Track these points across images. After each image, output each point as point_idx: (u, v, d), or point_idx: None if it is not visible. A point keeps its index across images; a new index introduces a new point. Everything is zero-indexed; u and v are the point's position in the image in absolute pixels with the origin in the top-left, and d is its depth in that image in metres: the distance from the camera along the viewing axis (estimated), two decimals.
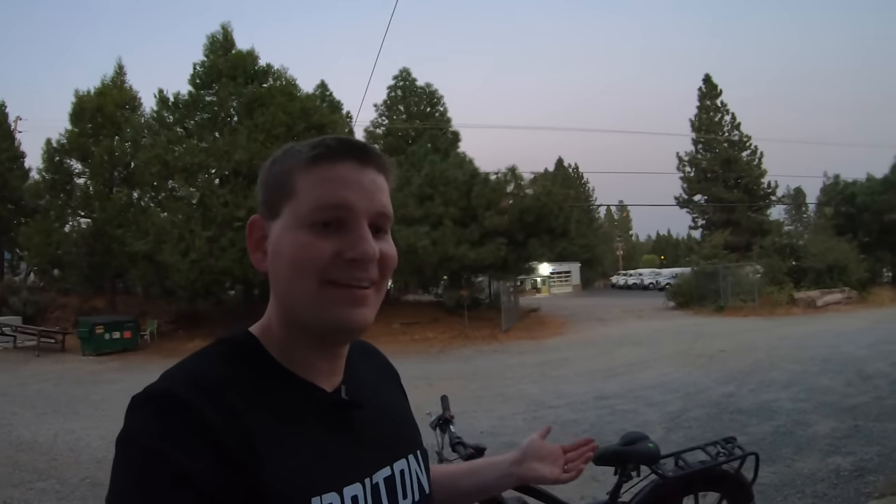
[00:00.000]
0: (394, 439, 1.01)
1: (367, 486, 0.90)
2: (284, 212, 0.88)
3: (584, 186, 72.04)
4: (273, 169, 0.92)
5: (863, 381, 9.49)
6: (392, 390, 1.16)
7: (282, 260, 0.86)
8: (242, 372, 0.86)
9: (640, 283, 55.85)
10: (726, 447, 3.02)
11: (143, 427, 0.76)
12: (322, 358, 0.93)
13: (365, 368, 1.08)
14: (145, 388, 0.81)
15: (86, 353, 18.61)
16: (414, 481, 1.00)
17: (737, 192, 42.57)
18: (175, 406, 0.76)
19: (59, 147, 25.41)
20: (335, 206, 0.85)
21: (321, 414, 0.90)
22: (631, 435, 2.85)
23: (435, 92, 36.12)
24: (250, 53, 23.53)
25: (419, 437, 1.11)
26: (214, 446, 0.75)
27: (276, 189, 0.90)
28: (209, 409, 0.77)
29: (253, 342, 0.92)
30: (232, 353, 0.89)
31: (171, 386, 0.80)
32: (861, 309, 23.78)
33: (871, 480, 5.10)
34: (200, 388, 0.79)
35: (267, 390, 0.86)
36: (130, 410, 0.79)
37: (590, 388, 10.39)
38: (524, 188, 24.26)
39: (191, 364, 0.86)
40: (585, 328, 22.83)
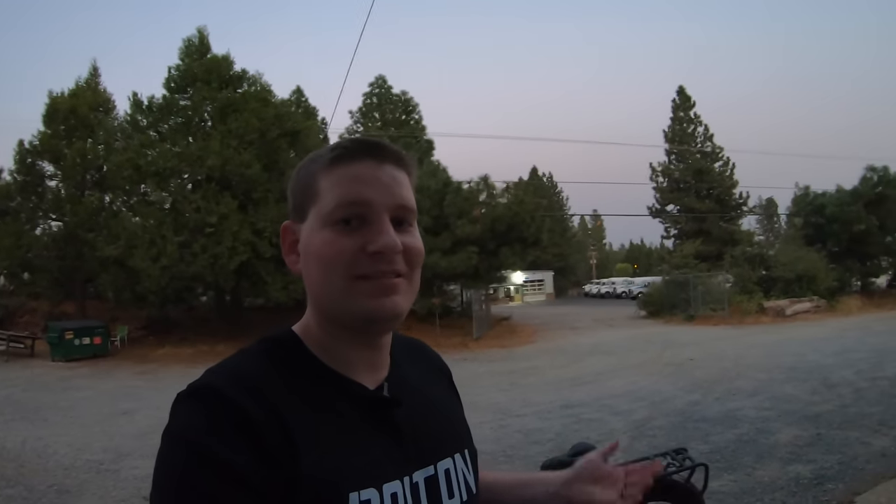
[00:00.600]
0: (440, 438, 1.01)
1: (407, 484, 0.90)
2: (310, 214, 0.91)
3: (558, 195, 72.22)
4: (299, 175, 0.96)
5: (827, 390, 9.66)
6: (442, 389, 1.15)
7: (311, 259, 0.90)
8: (284, 369, 0.89)
9: (612, 292, 55.97)
10: (676, 458, 3.09)
11: (187, 422, 0.79)
12: (362, 353, 0.95)
13: (413, 366, 1.09)
14: (189, 384, 0.84)
15: (55, 359, 18.46)
16: (461, 480, 1.00)
17: (709, 203, 42.95)
18: (218, 401, 0.79)
19: (32, 148, 25.11)
20: (354, 202, 0.88)
21: (362, 410, 0.91)
22: (580, 445, 2.90)
23: (410, 100, 36.24)
24: (225, 58, 23.38)
25: (468, 437, 1.10)
26: (256, 441, 0.77)
27: (302, 194, 0.93)
28: (251, 405, 0.79)
29: (295, 341, 0.94)
30: (274, 351, 0.92)
31: (215, 382, 0.82)
32: (829, 318, 24.17)
33: (830, 488, 5.19)
34: (243, 384, 0.82)
35: (308, 387, 0.88)
36: (175, 406, 0.82)
37: (557, 397, 10.48)
38: (496, 197, 24.36)
39: (233, 362, 0.89)
40: (556, 337, 22.96)
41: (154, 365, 17.72)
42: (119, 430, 9.18)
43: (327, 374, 0.91)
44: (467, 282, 24.38)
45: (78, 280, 25.32)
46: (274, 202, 20.89)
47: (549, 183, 71.63)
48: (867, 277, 32.43)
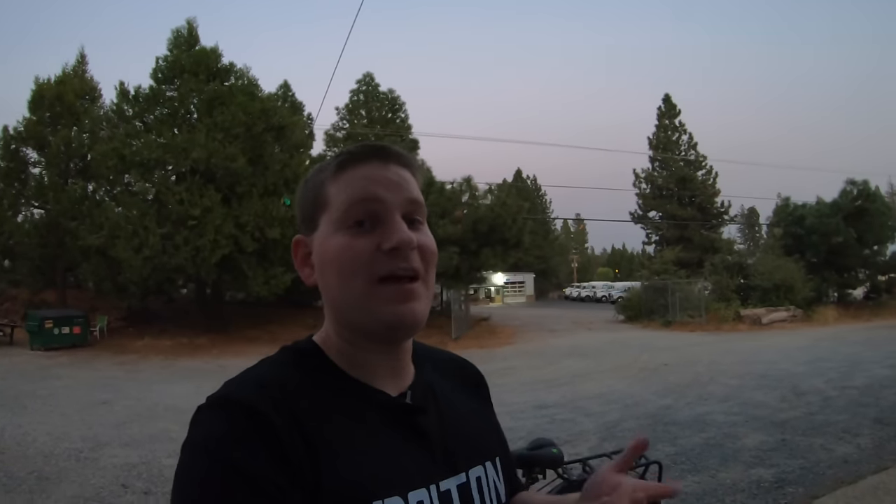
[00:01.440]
0: (470, 446, 0.99)
1: (435, 492, 0.88)
2: (321, 222, 0.91)
3: (541, 198, 72.33)
4: (306, 188, 0.96)
5: (796, 397, 9.84)
6: (474, 398, 1.13)
7: (328, 266, 0.89)
8: (306, 378, 0.88)
9: (593, 296, 56.08)
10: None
11: (208, 431, 0.78)
12: (383, 360, 0.94)
13: (444, 377, 1.07)
14: (208, 396, 0.83)
15: (34, 348, 18.42)
16: (491, 489, 0.98)
17: (691, 210, 43.34)
18: (238, 410, 0.78)
19: (16, 135, 24.93)
20: (365, 199, 0.88)
21: (386, 418, 0.90)
22: (538, 441, 3.06)
23: (397, 98, 36.34)
24: (214, 51, 23.34)
25: (501, 446, 1.09)
26: (277, 450, 0.76)
27: (311, 204, 0.93)
28: (272, 414, 0.78)
29: (315, 350, 0.94)
30: (295, 360, 0.92)
31: (235, 392, 0.82)
32: (805, 327, 24.49)
33: (790, 492, 5.35)
34: (263, 393, 0.81)
35: (330, 396, 0.87)
36: (195, 417, 0.81)
37: (531, 398, 10.63)
38: (479, 198, 24.49)
39: (254, 372, 0.88)
40: (534, 338, 23.16)
41: (133, 356, 17.74)
42: (98, 419, 9.23)
43: (349, 383, 0.91)
44: (447, 282, 24.42)
45: (59, 269, 25.21)
46: (258, 196, 20.95)
47: (532, 186, 71.68)
48: (844, 289, 32.77)
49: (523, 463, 2.92)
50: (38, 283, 25.93)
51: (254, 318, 23.96)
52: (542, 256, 62.28)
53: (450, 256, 21.94)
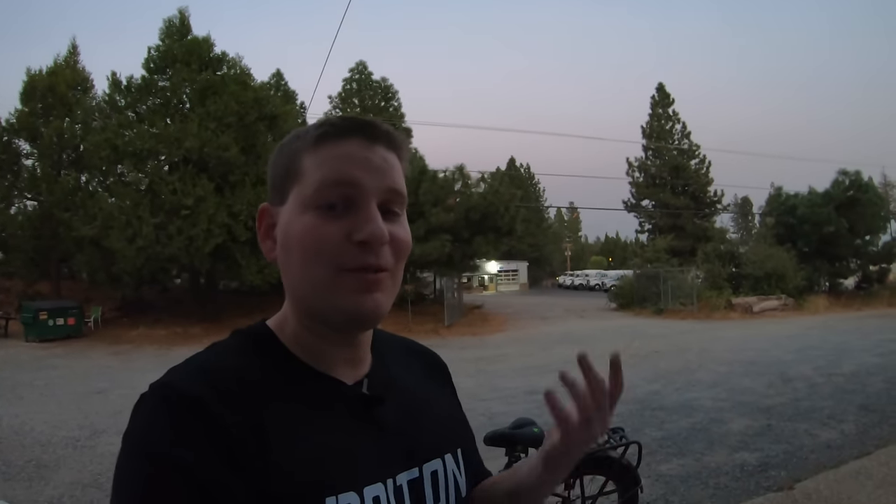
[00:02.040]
0: (429, 438, 0.95)
1: (391, 487, 0.84)
2: (291, 196, 0.84)
3: (535, 187, 72.42)
4: (280, 153, 0.88)
5: (783, 384, 9.95)
6: (438, 388, 1.08)
7: (292, 247, 0.82)
8: (257, 365, 0.82)
9: (586, 284, 56.02)
10: (613, 436, 3.37)
11: (149, 427, 0.72)
12: (340, 349, 0.88)
13: (403, 366, 1.02)
14: (151, 384, 0.77)
15: (29, 339, 18.47)
16: (450, 483, 0.94)
17: (683, 199, 43.50)
18: (181, 402, 0.73)
19: (8, 126, 24.88)
20: (340, 182, 0.81)
21: (340, 409, 0.85)
22: (520, 420, 3.18)
23: (390, 86, 36.32)
24: (206, 40, 23.26)
25: (464, 437, 1.05)
26: (225, 445, 0.71)
27: (284, 173, 0.86)
28: (219, 405, 0.73)
29: (269, 335, 0.88)
30: (246, 346, 0.86)
31: (177, 380, 0.76)
32: (796, 316, 24.60)
33: (773, 475, 5.44)
34: (209, 382, 0.76)
35: (282, 383, 0.82)
36: (137, 407, 0.76)
37: (523, 383, 10.73)
38: (472, 186, 24.53)
39: (202, 358, 0.83)
40: (527, 326, 23.32)
41: (128, 346, 17.80)
42: (94, 408, 9.30)
43: (303, 371, 0.85)
44: (440, 269, 24.48)
45: (53, 260, 25.18)
46: (251, 185, 20.90)
47: (526, 174, 71.77)
48: (835, 278, 32.90)
49: (505, 442, 3.03)
50: (33, 274, 25.84)
51: (248, 307, 23.95)
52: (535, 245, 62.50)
53: (442, 244, 21.99)
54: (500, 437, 3.04)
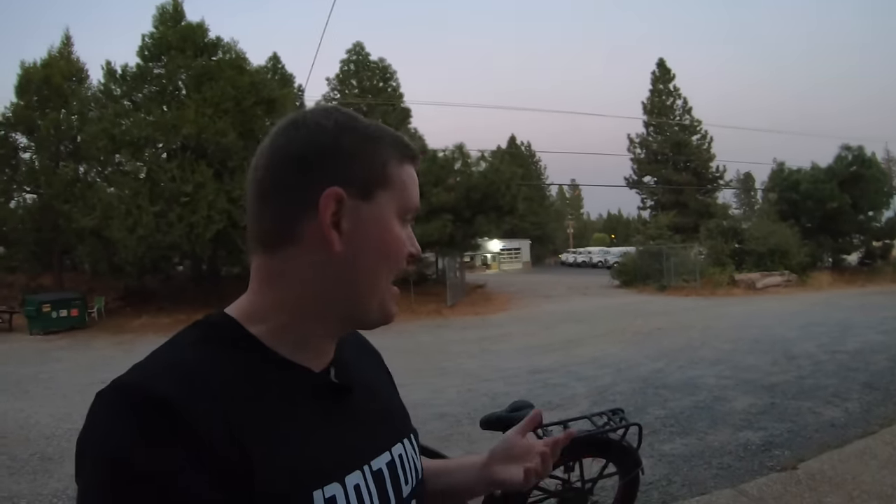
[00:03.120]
0: (389, 422, 0.97)
1: (369, 473, 0.84)
2: (380, 198, 0.83)
3: (536, 165, 72.26)
4: (366, 146, 0.85)
5: (787, 361, 9.87)
6: (383, 375, 1.11)
7: (374, 248, 0.83)
8: (227, 360, 0.78)
9: (589, 261, 56.14)
10: (613, 418, 3.31)
11: (114, 432, 0.67)
12: (325, 345, 0.88)
13: (355, 353, 1.02)
14: (113, 382, 0.71)
15: (33, 332, 18.38)
16: (411, 465, 0.96)
17: (686, 175, 43.42)
18: (149, 404, 0.67)
19: (4, 120, 24.70)
20: (415, 208, 0.89)
21: (313, 398, 0.83)
22: (518, 403, 3.10)
23: (388, 67, 36.07)
24: (200, 26, 23.14)
25: (409, 420, 1.06)
26: (201, 449, 0.67)
27: (371, 170, 0.84)
28: (190, 405, 0.68)
29: (234, 325, 0.83)
30: (212, 337, 0.81)
31: (144, 380, 0.71)
32: (800, 292, 24.52)
33: (777, 454, 5.39)
34: (181, 381, 0.71)
35: (255, 379, 0.78)
36: (96, 410, 0.70)
37: (526, 363, 10.72)
38: (472, 166, 24.46)
39: (165, 353, 0.78)
40: (530, 304, 23.33)
41: (131, 335, 17.76)
42: None
43: (273, 360, 0.81)
44: (442, 249, 24.49)
45: (55, 252, 25.14)
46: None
47: (527, 152, 71.56)
48: (839, 254, 32.90)
49: (503, 425, 2.96)
50: (35, 267, 25.87)
51: None
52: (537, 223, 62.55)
53: (444, 224, 21.99)
54: (496, 420, 2.97)
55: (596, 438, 3.18)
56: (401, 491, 0.90)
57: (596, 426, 3.23)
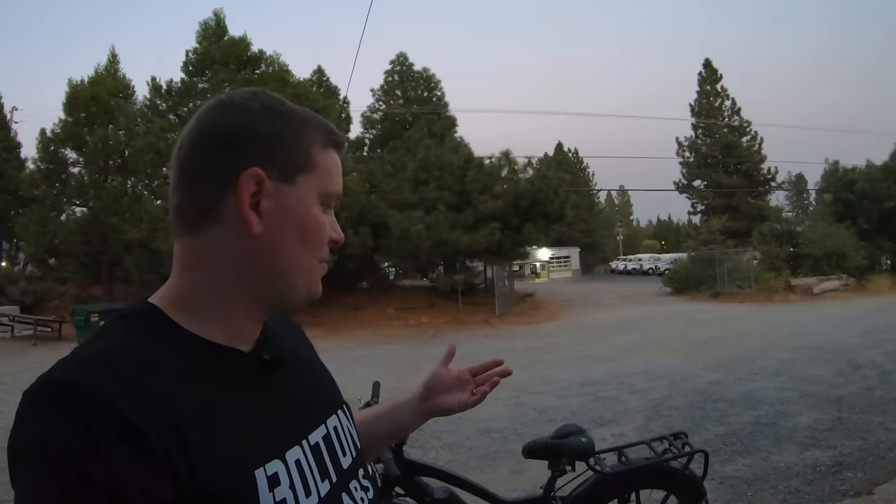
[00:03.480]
0: (321, 396, 0.99)
1: (307, 447, 0.86)
2: (302, 182, 0.85)
3: (583, 171, 71.82)
4: (293, 129, 0.86)
5: (852, 371, 9.37)
6: (309, 349, 1.12)
7: (295, 230, 0.84)
8: (156, 348, 0.76)
9: (639, 269, 55.78)
10: (674, 443, 2.94)
11: (48, 431, 0.65)
12: (252, 326, 0.89)
13: (281, 328, 1.02)
14: (40, 378, 0.69)
15: (81, 342, 18.57)
16: (348, 437, 0.98)
17: (736, 178, 42.40)
18: (84, 401, 0.65)
19: (54, 137, 25.27)
20: (337, 194, 0.90)
21: (245, 379, 0.83)
22: (565, 428, 2.78)
23: (432, 76, 35.96)
24: (243, 39, 23.48)
25: (339, 391, 1.07)
26: (138, 446, 0.65)
27: (294, 154, 0.85)
28: (126, 400, 0.66)
29: (158, 313, 0.82)
30: (137, 327, 0.80)
31: (76, 374, 0.68)
32: (858, 297, 23.71)
33: (849, 477, 4.96)
34: (112, 373, 0.69)
35: (185, 364, 0.77)
36: (26, 409, 0.68)
37: (576, 375, 10.35)
38: (519, 173, 24.15)
39: (96, 346, 0.76)
40: (580, 314, 22.85)
41: None
42: None
43: (201, 345, 0.81)
44: (490, 258, 24.23)
45: (104, 264, 25.55)
46: None
47: (574, 158, 71.18)
48: None
49: (549, 453, 2.64)
50: (85, 278, 26.39)
51: None
52: (586, 230, 62.36)
53: (491, 233, 21.79)
54: (542, 448, 2.64)
55: (657, 468, 2.83)
56: (339, 462, 0.92)
57: (656, 453, 2.86)
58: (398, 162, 25.25)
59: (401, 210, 21.62)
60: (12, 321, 20.64)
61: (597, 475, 2.69)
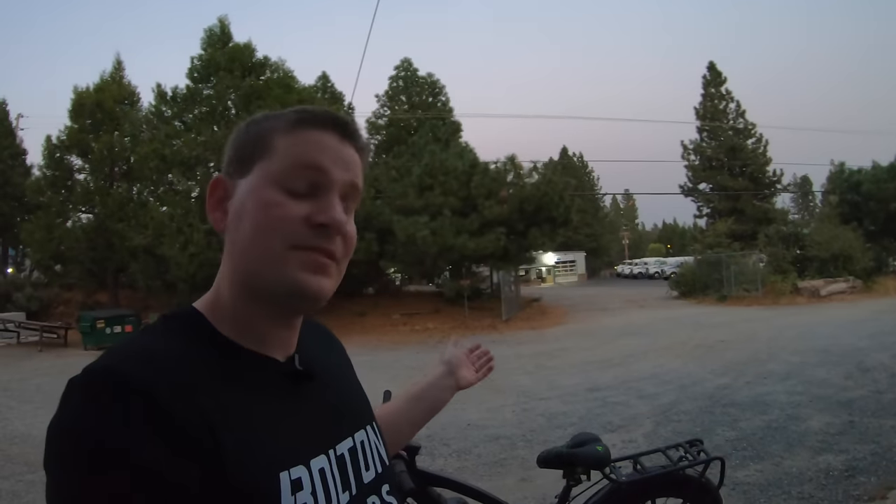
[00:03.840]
0: (351, 410, 0.99)
1: (332, 458, 0.87)
2: (256, 169, 0.84)
3: (588, 175, 71.74)
4: (249, 129, 0.89)
5: (862, 374, 9.27)
6: (341, 364, 1.13)
7: (246, 217, 0.82)
8: (192, 348, 0.80)
9: (645, 273, 55.71)
10: (690, 451, 2.89)
11: (86, 414, 0.67)
12: (277, 331, 0.88)
13: (314, 343, 1.03)
14: (85, 368, 0.72)
15: (87, 348, 18.65)
16: (375, 452, 0.98)
17: (742, 181, 42.30)
18: (123, 387, 0.68)
19: (59, 143, 25.48)
20: (312, 166, 0.83)
21: (277, 386, 0.85)
22: (580, 436, 2.73)
23: (437, 82, 36.06)
24: (247, 46, 23.53)
25: (371, 409, 1.08)
26: (173, 435, 0.68)
27: (251, 146, 0.86)
28: (165, 391, 0.69)
29: (199, 318, 0.85)
30: (179, 329, 0.83)
31: (119, 365, 0.71)
32: (865, 299, 23.52)
33: (862, 482, 4.88)
34: (152, 366, 0.72)
35: (220, 367, 0.80)
36: (69, 394, 0.70)
37: (583, 380, 10.28)
38: (524, 177, 24.10)
39: (139, 342, 0.79)
40: (586, 318, 22.74)
41: None
42: None
43: (237, 351, 0.83)
44: (496, 263, 24.21)
45: (110, 270, 25.67)
46: None
47: (579, 163, 71.11)
48: None
49: (563, 463, 2.59)
50: (91, 285, 26.59)
51: None
52: (592, 234, 62.31)
53: (497, 237, 21.76)
54: (557, 457, 2.59)
55: (673, 476, 2.77)
56: (361, 477, 0.92)
57: (671, 461, 2.81)
58: (403, 167, 25.26)
59: (406, 215, 21.60)
60: (18, 327, 20.67)
61: (612, 484, 2.64)
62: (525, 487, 5.06)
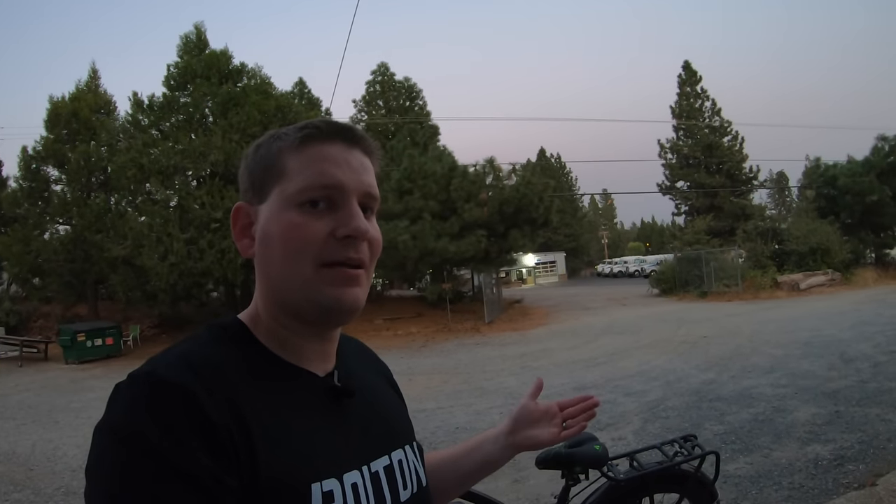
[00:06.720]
0: (389, 429, 1.00)
1: (367, 474, 0.88)
2: (273, 194, 0.87)
3: (567, 176, 72.00)
4: (259, 153, 0.91)
5: (845, 365, 9.42)
6: (385, 385, 1.14)
7: (273, 243, 0.85)
8: (234, 357, 0.83)
9: (625, 271, 56.06)
10: (685, 446, 2.93)
11: (128, 414, 0.71)
12: (314, 344, 0.91)
13: (357, 362, 1.06)
14: (130, 373, 0.76)
15: (68, 362, 18.49)
16: (412, 472, 0.99)
17: (719, 178, 42.57)
18: (165, 390, 0.72)
19: (35, 154, 25.19)
20: (326, 185, 0.85)
21: (315, 400, 0.88)
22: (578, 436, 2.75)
23: (414, 86, 36.12)
24: (224, 53, 23.35)
25: (413, 431, 1.09)
26: (208, 432, 0.71)
27: (264, 172, 0.88)
28: (203, 394, 0.73)
29: (243, 328, 0.89)
30: (223, 338, 0.87)
31: (160, 369, 0.75)
32: (845, 290, 23.92)
33: (851, 470, 4.98)
34: (194, 372, 0.76)
35: (260, 376, 0.83)
36: (114, 396, 0.75)
37: (569, 379, 10.34)
38: (503, 179, 24.14)
39: (181, 348, 0.83)
40: (569, 318, 22.82)
41: None
42: None
43: (279, 364, 0.87)
44: (477, 266, 24.26)
45: (89, 282, 25.38)
46: None
47: (557, 163, 71.36)
48: (882, 249, 32.07)
49: (562, 462, 2.60)
50: (70, 297, 26.22)
51: None
52: (571, 235, 62.63)
53: (477, 240, 21.77)
54: (555, 458, 2.60)
55: (669, 471, 2.81)
56: (398, 495, 0.92)
57: (667, 456, 2.85)
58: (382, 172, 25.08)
59: (386, 220, 21.56)
60: None
61: (610, 482, 2.67)
62: (518, 489, 5.08)
